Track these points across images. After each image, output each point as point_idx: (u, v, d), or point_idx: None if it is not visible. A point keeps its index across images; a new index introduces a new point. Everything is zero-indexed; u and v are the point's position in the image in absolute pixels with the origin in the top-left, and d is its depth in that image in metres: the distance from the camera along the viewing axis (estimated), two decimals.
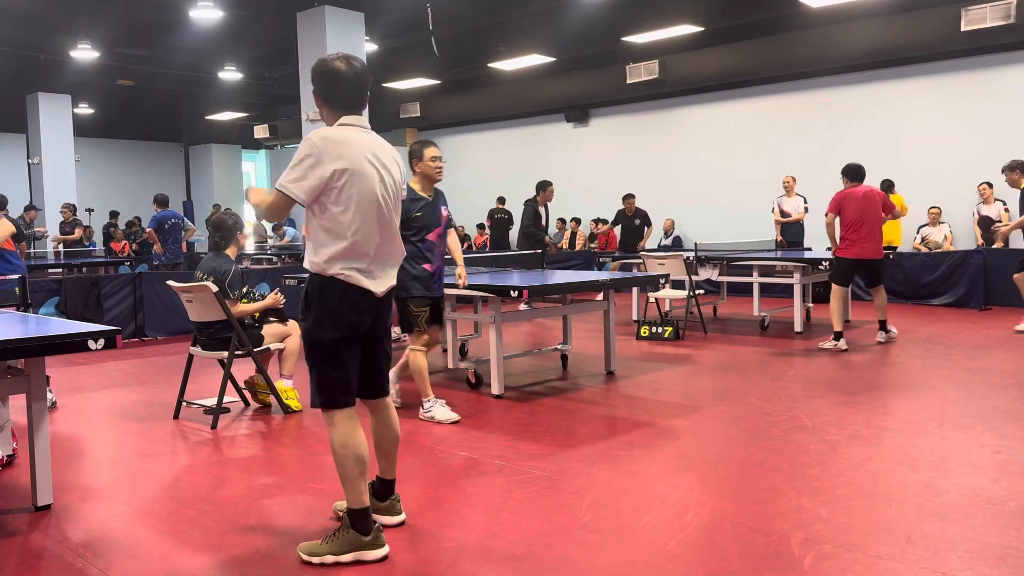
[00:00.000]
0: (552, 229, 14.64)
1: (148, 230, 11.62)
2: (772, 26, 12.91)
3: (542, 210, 10.70)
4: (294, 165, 3.01)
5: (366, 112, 3.35)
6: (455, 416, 5.18)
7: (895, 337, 7.88)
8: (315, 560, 3.04)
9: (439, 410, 5.20)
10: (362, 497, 3.08)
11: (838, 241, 7.62)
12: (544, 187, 10.57)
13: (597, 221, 15.77)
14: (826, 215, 7.64)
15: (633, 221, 12.82)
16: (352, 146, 3.06)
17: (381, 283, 3.15)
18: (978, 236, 11.40)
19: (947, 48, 11.67)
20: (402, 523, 3.40)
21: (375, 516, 3.25)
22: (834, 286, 7.72)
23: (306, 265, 3.11)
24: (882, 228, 7.68)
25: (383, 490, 3.41)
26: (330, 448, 3.13)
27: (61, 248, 14.80)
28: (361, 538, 3.06)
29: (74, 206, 15.08)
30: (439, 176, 5.08)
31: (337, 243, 3.03)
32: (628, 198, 12.86)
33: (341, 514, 3.38)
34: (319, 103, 3.20)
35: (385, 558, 3.08)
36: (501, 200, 17.20)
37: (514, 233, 17.51)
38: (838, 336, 7.53)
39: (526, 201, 10.72)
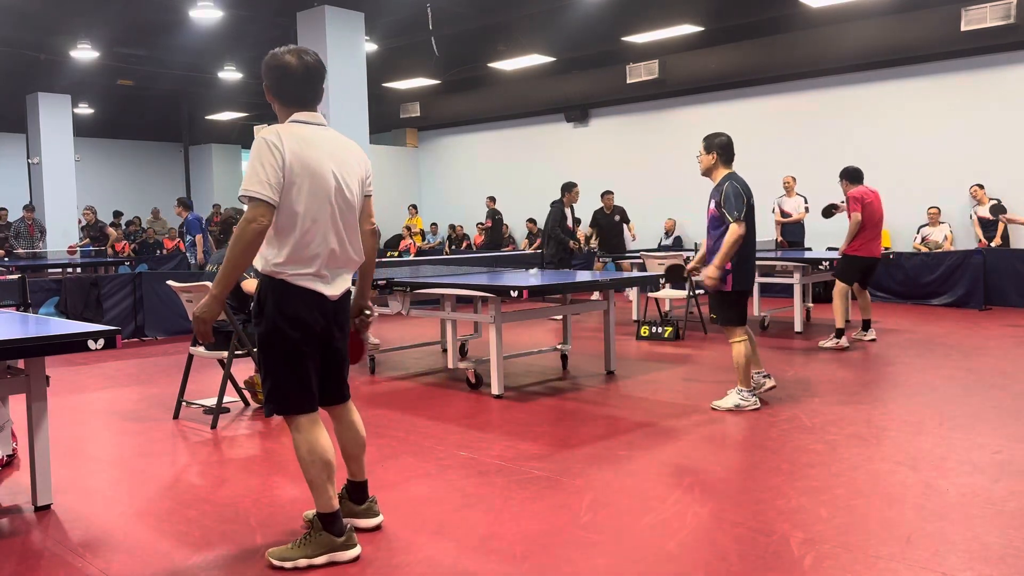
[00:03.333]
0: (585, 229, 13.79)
1: (198, 236, 11.88)
2: (772, 26, 12.91)
3: (568, 211, 10.36)
4: (252, 167, 2.85)
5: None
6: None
7: (875, 339, 7.86)
8: (288, 565, 2.99)
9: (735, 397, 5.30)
10: (331, 501, 3.05)
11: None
12: (569, 188, 10.21)
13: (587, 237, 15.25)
14: (850, 214, 7.59)
15: (612, 218, 12.22)
16: (305, 142, 2.94)
17: (335, 287, 3.05)
18: (980, 235, 11.40)
19: (947, 48, 11.67)
20: (379, 526, 3.36)
21: (353, 521, 3.25)
22: (839, 283, 7.74)
23: (257, 266, 2.99)
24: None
25: (357, 493, 3.35)
26: (295, 454, 3.06)
27: (77, 248, 14.96)
28: (334, 539, 3.04)
29: (92, 209, 15.27)
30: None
31: (287, 244, 2.91)
32: (606, 194, 12.26)
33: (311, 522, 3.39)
34: (269, 98, 3.08)
35: (358, 558, 3.07)
36: (492, 199, 17.27)
37: (515, 232, 17.57)
38: (840, 333, 7.57)
39: (552, 203, 10.40)
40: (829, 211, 8.37)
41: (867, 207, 7.54)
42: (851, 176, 7.80)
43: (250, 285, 5.37)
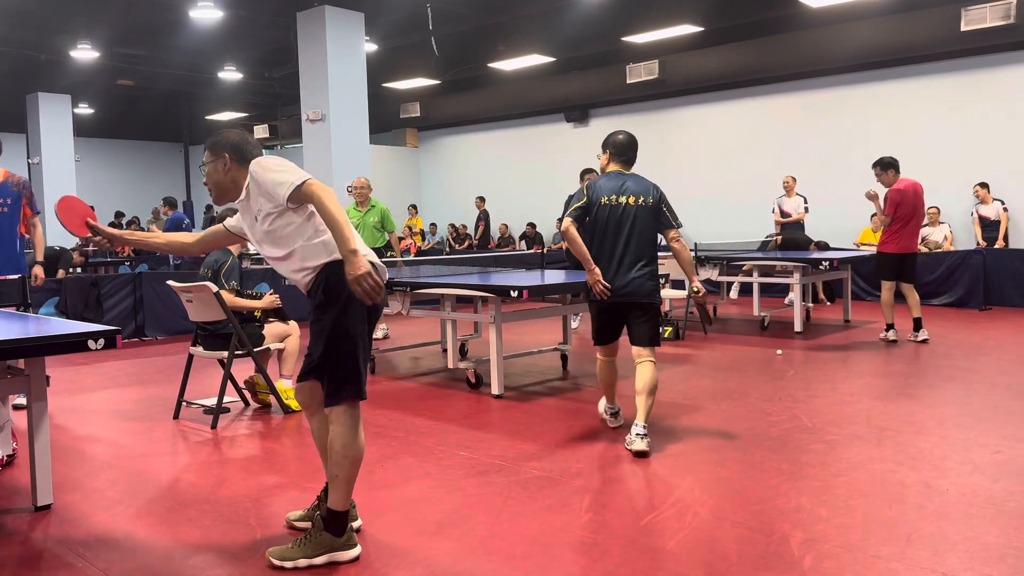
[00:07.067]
0: None
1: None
2: (772, 26, 12.92)
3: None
4: (277, 171, 2.95)
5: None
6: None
7: (927, 340, 7.77)
8: (288, 565, 2.98)
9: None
10: (347, 500, 3.06)
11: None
12: (582, 176, 8.92)
13: None
14: (883, 214, 7.68)
15: None
16: None
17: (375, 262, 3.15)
18: (978, 236, 11.40)
19: (947, 48, 11.67)
20: (357, 530, 3.32)
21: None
22: (883, 282, 7.87)
23: (321, 259, 3.00)
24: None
25: None
26: (332, 447, 3.03)
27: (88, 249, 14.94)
28: (335, 539, 3.04)
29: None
30: None
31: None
32: None
33: (295, 524, 3.38)
34: (230, 167, 3.13)
35: (358, 558, 3.06)
36: (481, 199, 17.33)
37: (515, 232, 17.57)
38: (889, 327, 7.85)
39: (570, 195, 9.48)
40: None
41: (902, 204, 7.59)
42: (887, 165, 7.80)
43: (233, 299, 5.35)
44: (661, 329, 8.38)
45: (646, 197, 4.60)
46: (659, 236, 4.70)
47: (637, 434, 4.39)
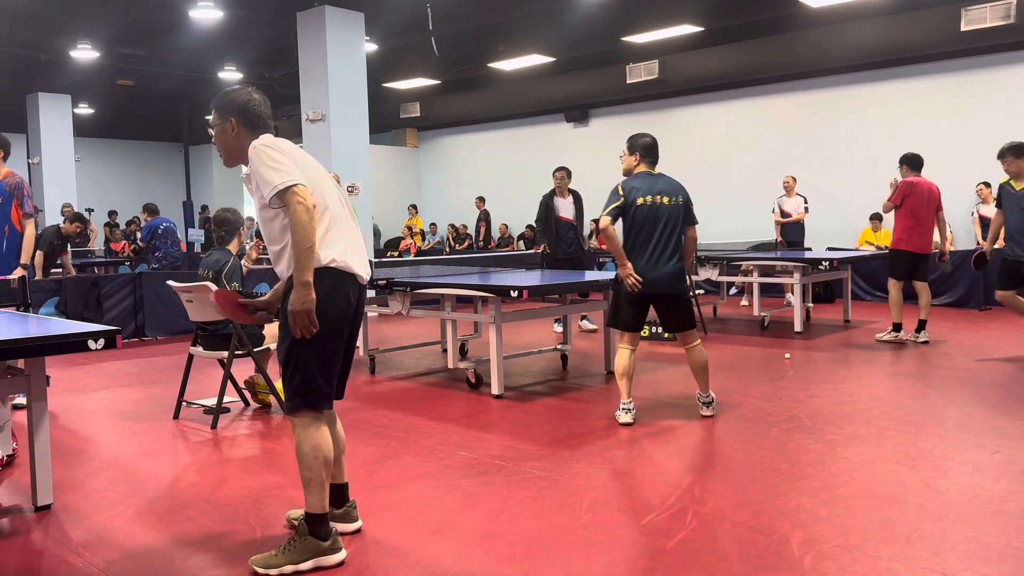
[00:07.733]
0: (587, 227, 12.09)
1: (142, 243, 11.72)
2: (772, 26, 12.92)
3: (566, 202, 8.75)
4: (266, 167, 2.89)
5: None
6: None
7: (928, 341, 7.74)
8: (273, 572, 2.93)
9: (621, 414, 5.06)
10: (325, 502, 3.02)
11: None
12: (553, 176, 8.78)
13: None
14: (888, 200, 7.64)
15: None
16: (289, 145, 3.04)
17: (364, 269, 3.10)
18: (979, 236, 11.40)
19: (947, 48, 11.67)
20: (358, 530, 3.32)
21: (332, 525, 3.20)
22: (892, 280, 7.80)
23: (288, 269, 2.99)
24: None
25: (338, 496, 3.29)
26: (296, 451, 3.02)
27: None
28: (320, 544, 2.98)
29: (71, 205, 15.15)
30: None
31: (319, 228, 2.93)
32: None
33: (296, 522, 3.34)
34: (236, 131, 3.07)
35: (343, 563, 3.03)
36: (481, 200, 17.37)
37: (515, 232, 17.57)
38: (897, 327, 7.76)
39: (544, 195, 8.94)
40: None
41: (911, 199, 7.53)
42: (911, 162, 7.75)
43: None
44: (661, 329, 8.41)
45: (677, 196, 5.14)
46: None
47: (703, 403, 5.13)
